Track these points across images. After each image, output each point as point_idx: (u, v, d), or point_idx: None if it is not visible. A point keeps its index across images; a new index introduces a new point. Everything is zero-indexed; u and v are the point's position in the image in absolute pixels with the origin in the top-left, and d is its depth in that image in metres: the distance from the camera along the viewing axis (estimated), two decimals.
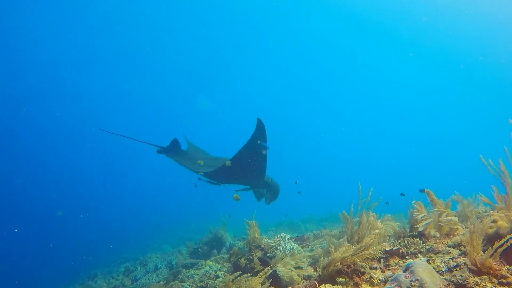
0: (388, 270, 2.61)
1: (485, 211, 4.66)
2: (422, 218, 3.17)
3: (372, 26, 35.32)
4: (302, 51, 40.00)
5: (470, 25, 32.12)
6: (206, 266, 6.32)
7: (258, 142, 4.42)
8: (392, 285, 2.11)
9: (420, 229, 3.15)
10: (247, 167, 4.83)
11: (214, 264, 6.43)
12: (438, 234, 3.15)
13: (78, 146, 40.91)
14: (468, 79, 38.30)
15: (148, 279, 6.65)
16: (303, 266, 3.76)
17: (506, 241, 2.35)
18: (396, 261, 2.74)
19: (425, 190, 3.36)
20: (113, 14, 31.56)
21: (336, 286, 2.47)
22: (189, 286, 5.18)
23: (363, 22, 34.99)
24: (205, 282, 4.63)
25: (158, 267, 7.40)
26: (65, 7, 28.35)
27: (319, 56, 40.59)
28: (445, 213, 3.27)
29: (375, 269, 2.63)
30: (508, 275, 2.16)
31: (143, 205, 36.38)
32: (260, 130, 4.30)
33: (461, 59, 36.26)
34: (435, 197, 3.37)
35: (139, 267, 8.50)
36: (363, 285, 2.45)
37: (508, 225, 2.61)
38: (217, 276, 5.05)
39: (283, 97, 47.33)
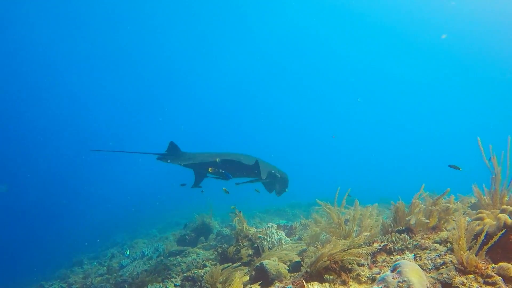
0: (376, 267, 2.60)
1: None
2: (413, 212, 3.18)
3: (371, 25, 35.14)
4: (300, 50, 39.88)
5: (471, 22, 31.88)
6: (193, 253, 6.30)
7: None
8: (380, 286, 2.09)
9: (412, 222, 3.15)
10: (244, 171, 5.21)
11: (202, 251, 6.42)
12: (427, 221, 3.15)
13: (71, 138, 40.32)
14: (469, 75, 38.75)
15: (135, 266, 6.59)
16: (291, 258, 3.76)
17: (485, 238, 2.37)
18: (384, 257, 2.73)
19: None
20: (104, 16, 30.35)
21: (323, 283, 2.45)
22: (176, 274, 5.16)
23: (362, 21, 34.71)
24: (192, 272, 4.61)
25: (145, 254, 7.35)
26: (65, 8, 27.00)
27: (319, 54, 40.50)
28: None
29: (362, 265, 2.62)
30: (493, 274, 2.17)
31: (131, 190, 36.22)
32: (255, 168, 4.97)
33: (461, 56, 36.48)
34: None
35: (126, 252, 8.45)
36: (351, 283, 2.43)
37: (494, 222, 2.62)
38: (204, 265, 5.03)
39: (282, 94, 48.26)
